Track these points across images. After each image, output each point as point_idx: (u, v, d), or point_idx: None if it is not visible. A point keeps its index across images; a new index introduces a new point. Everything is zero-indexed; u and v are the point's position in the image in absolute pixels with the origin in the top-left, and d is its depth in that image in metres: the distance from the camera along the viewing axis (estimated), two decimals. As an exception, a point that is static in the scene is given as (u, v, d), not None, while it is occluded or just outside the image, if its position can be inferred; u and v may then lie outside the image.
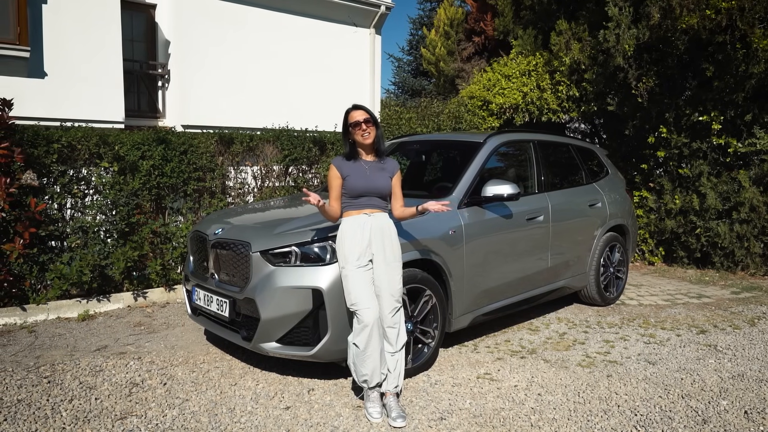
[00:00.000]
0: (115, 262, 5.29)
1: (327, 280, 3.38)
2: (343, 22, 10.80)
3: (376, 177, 3.29)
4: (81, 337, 4.61)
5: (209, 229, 4.00)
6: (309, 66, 10.20)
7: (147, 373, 3.81)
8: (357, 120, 3.25)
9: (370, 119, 3.26)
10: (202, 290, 3.96)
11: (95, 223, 5.38)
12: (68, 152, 5.35)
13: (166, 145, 5.76)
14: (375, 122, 3.30)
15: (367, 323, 3.07)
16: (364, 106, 3.34)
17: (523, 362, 4.10)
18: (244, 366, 3.96)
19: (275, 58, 9.73)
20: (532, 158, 4.98)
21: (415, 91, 17.04)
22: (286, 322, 3.42)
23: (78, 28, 7.33)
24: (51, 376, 3.72)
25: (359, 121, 3.25)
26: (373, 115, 3.30)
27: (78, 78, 7.31)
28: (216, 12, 9.17)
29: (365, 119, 3.24)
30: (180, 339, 4.57)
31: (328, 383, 3.67)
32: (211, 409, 3.30)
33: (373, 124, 3.28)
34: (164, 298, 5.71)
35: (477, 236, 4.15)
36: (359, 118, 3.26)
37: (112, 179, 5.47)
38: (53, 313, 5.09)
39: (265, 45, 9.63)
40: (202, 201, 6.17)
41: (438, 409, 3.32)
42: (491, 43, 10.49)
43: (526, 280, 4.67)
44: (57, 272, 5.09)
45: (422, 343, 3.85)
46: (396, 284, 3.24)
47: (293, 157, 6.71)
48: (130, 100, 8.54)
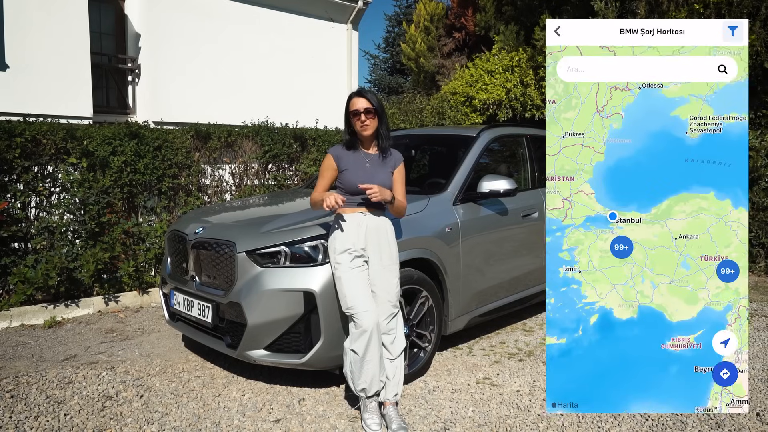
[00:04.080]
0: (84, 265, 4.95)
1: (319, 282, 3.14)
2: (320, 17, 10.56)
3: (377, 172, 3.04)
4: (47, 345, 4.27)
5: (188, 228, 3.72)
6: (285, 61, 9.92)
7: (121, 384, 3.51)
8: (356, 109, 2.98)
9: (371, 109, 2.98)
10: (182, 294, 3.67)
11: (62, 223, 5.02)
12: (32, 147, 4.98)
13: (139, 140, 5.44)
14: (378, 113, 3.01)
15: (365, 328, 2.84)
16: (369, 92, 3.04)
17: (522, 365, 3.92)
18: (227, 375, 3.69)
19: (251, 53, 9.43)
20: (525, 153, 4.82)
21: (392, 88, 16.87)
22: (276, 328, 3.17)
23: (42, 18, 6.92)
24: (14, 390, 3.39)
25: (358, 110, 2.97)
26: (377, 105, 3.01)
27: (43, 71, 6.91)
28: (189, 4, 8.83)
29: (366, 109, 2.96)
30: (156, 346, 4.27)
31: (320, 392, 3.43)
32: (194, 423, 3.03)
33: (375, 115, 3.00)
34: (137, 302, 5.38)
35: (473, 233, 3.96)
36: (359, 106, 2.97)
37: (81, 176, 5.12)
38: (16, 320, 4.73)
39: (240, 39, 9.32)
40: (177, 199, 5.85)
41: (440, 418, 3.11)
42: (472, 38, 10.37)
43: (521, 279, 4.50)
44: (20, 276, 4.73)
45: (418, 348, 3.65)
46: (393, 288, 3.02)
47: (273, 153, 6.43)
48: (98, 96, 8.14)
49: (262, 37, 9.59)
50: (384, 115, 3.07)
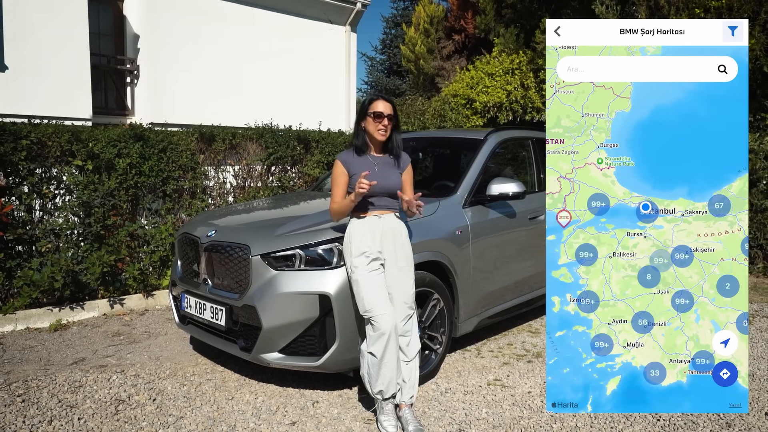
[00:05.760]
0: (89, 267, 4.92)
1: (334, 285, 3.15)
2: (319, 18, 10.57)
3: (387, 175, 3.04)
4: (54, 349, 4.25)
5: (199, 230, 3.72)
6: (284, 63, 9.93)
7: (133, 388, 3.50)
8: (380, 111, 2.97)
9: (393, 116, 3.00)
10: (193, 297, 3.67)
11: (68, 225, 5.00)
12: (38, 149, 4.96)
13: (144, 142, 5.42)
14: (396, 123, 3.05)
15: (384, 331, 2.85)
16: (392, 99, 3.08)
17: (532, 366, 3.95)
18: (238, 378, 3.69)
19: (249, 55, 9.43)
20: (531, 156, 4.85)
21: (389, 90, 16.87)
22: (291, 331, 3.17)
23: (42, 20, 6.89)
24: (25, 394, 3.38)
25: (383, 113, 2.96)
26: (398, 115, 3.05)
27: (42, 72, 6.88)
28: (187, 5, 8.81)
29: (389, 115, 2.98)
30: (164, 349, 4.26)
31: (332, 395, 3.44)
32: (210, 427, 3.03)
33: (394, 124, 3.04)
34: (142, 305, 5.37)
35: (482, 236, 3.98)
36: (384, 109, 2.97)
37: (86, 178, 5.09)
38: (22, 324, 4.70)
39: (238, 40, 9.32)
40: (182, 201, 5.84)
41: (454, 419, 3.13)
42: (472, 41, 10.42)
43: (528, 281, 4.53)
44: (26, 279, 4.70)
45: (429, 350, 3.66)
46: (409, 289, 3.03)
47: (278, 155, 6.43)
48: (96, 97, 8.12)
49: (260, 38, 9.59)
50: (399, 125, 3.09)
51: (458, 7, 10.42)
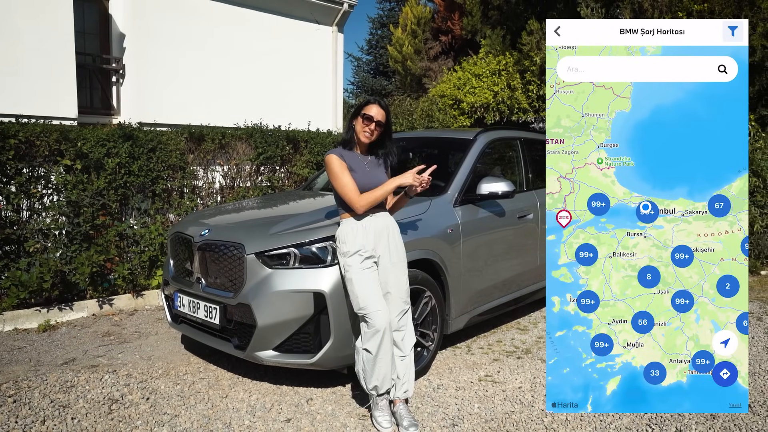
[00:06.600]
0: (78, 267, 4.89)
1: (329, 283, 3.18)
2: (306, 19, 10.58)
3: (376, 173, 3.10)
4: (44, 349, 4.22)
5: (191, 229, 3.73)
6: (271, 63, 9.92)
7: (125, 387, 3.50)
8: (371, 115, 3.01)
9: (383, 124, 3.04)
10: (186, 296, 3.67)
11: (57, 225, 4.96)
12: (26, 149, 4.92)
13: (134, 141, 5.40)
14: (387, 130, 3.09)
15: (378, 327, 2.89)
16: (388, 108, 3.10)
17: (521, 363, 4.01)
18: (231, 376, 3.70)
19: (236, 54, 9.42)
20: (519, 156, 4.92)
21: (375, 90, 16.93)
22: (285, 329, 3.20)
23: (25, 16, 6.82)
24: (16, 394, 3.36)
25: (373, 117, 3.00)
26: (390, 123, 3.09)
27: (26, 71, 6.81)
28: (175, 5, 8.77)
29: (378, 121, 3.01)
30: (156, 349, 4.26)
31: (326, 392, 3.47)
32: (205, 425, 3.04)
33: (384, 131, 3.08)
34: (132, 305, 5.34)
35: (473, 234, 4.04)
36: (375, 114, 3.00)
37: (75, 178, 5.06)
38: (9, 324, 4.66)
39: (225, 40, 9.30)
40: (171, 201, 5.82)
41: (447, 414, 3.18)
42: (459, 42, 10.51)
43: (517, 279, 4.60)
44: (14, 279, 4.66)
45: (422, 347, 3.71)
46: (403, 284, 3.08)
47: (267, 155, 6.44)
48: (82, 96, 8.04)
49: (248, 38, 9.58)
50: (390, 131, 3.14)
51: (445, 8, 10.50)
